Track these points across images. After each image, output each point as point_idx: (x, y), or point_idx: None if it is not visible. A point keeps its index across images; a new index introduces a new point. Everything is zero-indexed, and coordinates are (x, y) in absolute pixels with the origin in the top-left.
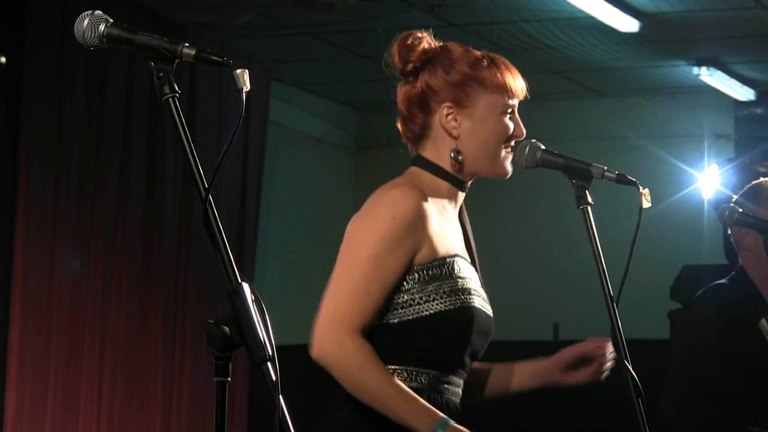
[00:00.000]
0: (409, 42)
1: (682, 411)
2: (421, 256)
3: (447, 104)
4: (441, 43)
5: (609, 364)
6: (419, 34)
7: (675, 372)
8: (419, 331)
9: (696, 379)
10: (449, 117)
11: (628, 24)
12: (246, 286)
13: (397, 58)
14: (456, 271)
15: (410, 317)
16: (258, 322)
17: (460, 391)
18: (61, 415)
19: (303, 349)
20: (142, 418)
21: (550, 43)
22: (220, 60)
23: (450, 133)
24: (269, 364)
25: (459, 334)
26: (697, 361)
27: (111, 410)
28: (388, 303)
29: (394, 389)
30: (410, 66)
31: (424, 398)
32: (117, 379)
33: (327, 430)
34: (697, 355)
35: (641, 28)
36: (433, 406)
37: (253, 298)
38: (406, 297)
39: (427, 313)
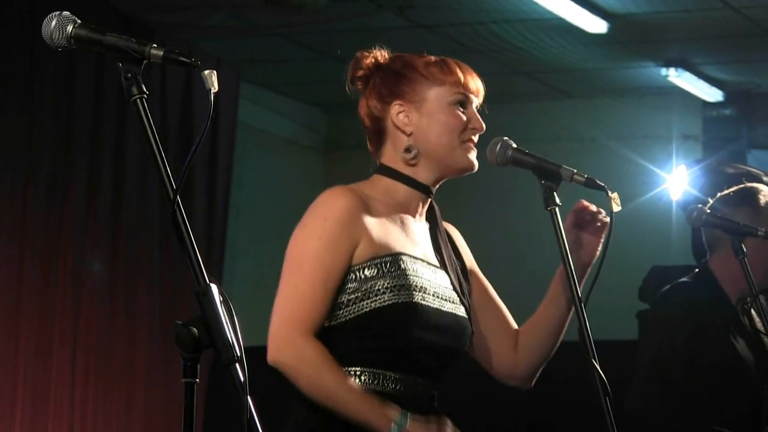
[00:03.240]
0: (358, 56)
1: (651, 410)
2: (357, 256)
3: (397, 102)
4: (394, 54)
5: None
6: (369, 51)
7: (644, 371)
8: (359, 330)
9: (665, 380)
10: (401, 115)
11: (596, 25)
12: (214, 288)
13: (349, 75)
14: (396, 269)
15: (349, 317)
16: (226, 323)
17: (429, 392)
18: (30, 415)
19: None
20: (112, 418)
21: (519, 44)
22: (189, 61)
23: (403, 131)
24: (237, 365)
25: (399, 330)
26: (666, 362)
27: (82, 410)
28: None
29: (351, 389)
30: (360, 73)
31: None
32: (87, 381)
33: None
34: (666, 356)
35: (609, 29)
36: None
37: (222, 299)
38: (344, 298)
39: (365, 310)
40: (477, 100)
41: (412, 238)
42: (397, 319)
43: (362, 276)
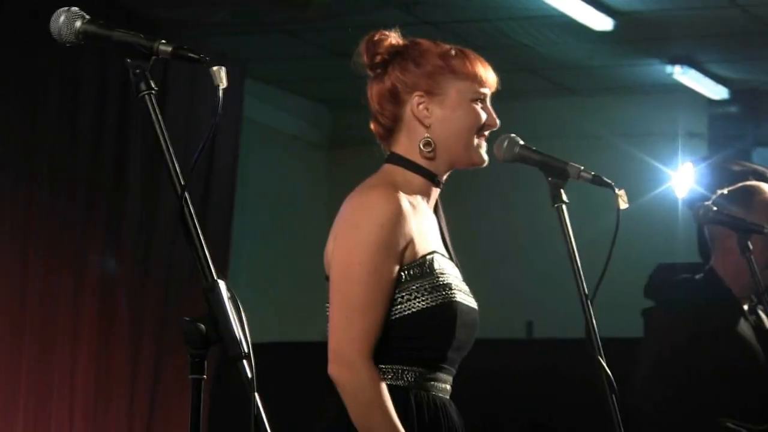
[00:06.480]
0: (376, 38)
1: (654, 408)
2: (406, 257)
3: (418, 93)
4: (409, 39)
5: None
6: (386, 32)
7: (646, 370)
8: (403, 330)
9: (667, 379)
10: (420, 106)
11: (602, 22)
12: (222, 284)
13: (364, 55)
14: (436, 268)
15: (394, 317)
16: (234, 319)
17: (449, 387)
18: (32, 413)
19: (278, 347)
20: (114, 414)
21: (525, 41)
22: (197, 57)
23: (422, 123)
24: (245, 361)
25: (443, 330)
26: (667, 362)
27: (84, 409)
28: None
29: None
30: (378, 58)
31: (410, 396)
32: (89, 379)
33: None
34: (667, 356)
35: (615, 27)
36: (420, 404)
37: (229, 295)
38: None
39: (410, 311)
40: (490, 92)
41: (433, 232)
42: (441, 319)
43: (407, 277)
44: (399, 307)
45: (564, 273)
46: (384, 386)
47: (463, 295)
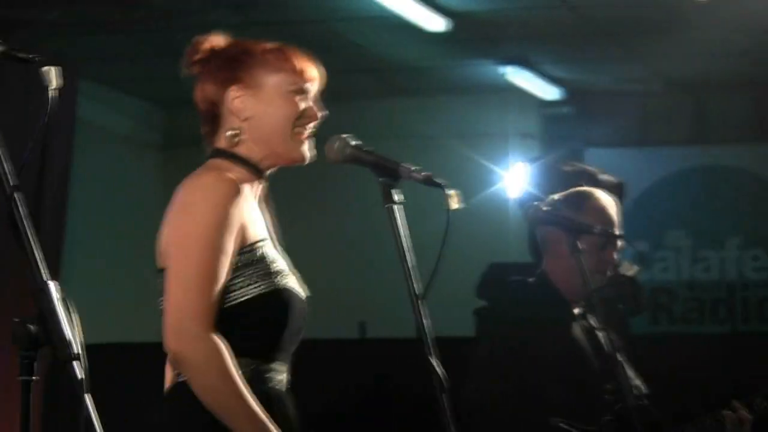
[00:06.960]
0: (195, 42)
1: (487, 403)
2: (239, 239)
3: (233, 87)
4: (231, 39)
5: None
6: (205, 36)
7: (480, 367)
8: (238, 318)
9: (500, 375)
10: (236, 100)
11: (435, 23)
12: (53, 285)
13: (187, 58)
14: (267, 255)
15: (228, 304)
16: (64, 320)
17: (285, 379)
18: None
19: (111, 348)
20: None
21: (358, 42)
22: (28, 57)
23: (238, 116)
24: (76, 362)
25: (276, 317)
26: (501, 360)
27: None
28: None
29: (246, 404)
30: (197, 57)
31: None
32: None
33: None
34: (501, 354)
35: (448, 27)
36: (257, 397)
37: (60, 296)
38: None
39: (244, 298)
40: (315, 87)
41: (261, 221)
42: (274, 306)
43: (239, 263)
44: (232, 295)
45: (397, 272)
46: (229, 355)
47: (294, 283)
